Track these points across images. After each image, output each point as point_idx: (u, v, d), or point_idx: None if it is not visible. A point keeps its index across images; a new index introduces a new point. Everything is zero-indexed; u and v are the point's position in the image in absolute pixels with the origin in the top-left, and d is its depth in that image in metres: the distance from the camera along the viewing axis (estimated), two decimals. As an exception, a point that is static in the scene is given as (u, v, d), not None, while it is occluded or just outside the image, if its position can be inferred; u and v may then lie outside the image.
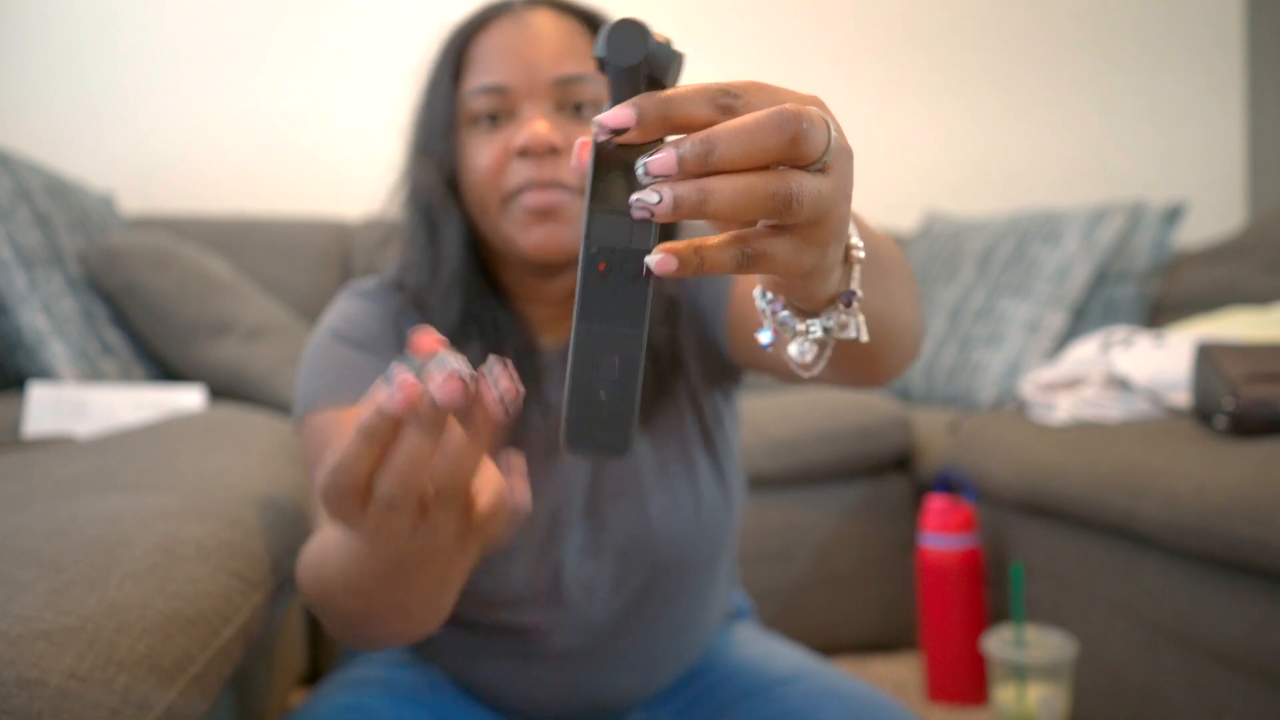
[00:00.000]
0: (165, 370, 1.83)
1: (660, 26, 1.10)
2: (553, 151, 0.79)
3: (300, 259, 2.42)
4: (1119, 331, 1.63)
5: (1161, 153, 3.19)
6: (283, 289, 2.34)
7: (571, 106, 0.82)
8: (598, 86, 0.82)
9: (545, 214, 0.80)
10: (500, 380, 0.45)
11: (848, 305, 0.49)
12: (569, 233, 0.81)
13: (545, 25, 0.82)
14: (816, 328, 0.50)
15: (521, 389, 0.46)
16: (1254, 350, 1.26)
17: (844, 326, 0.50)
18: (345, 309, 0.88)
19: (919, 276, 2.47)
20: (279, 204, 2.61)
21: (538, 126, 0.79)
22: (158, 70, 2.60)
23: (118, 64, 2.57)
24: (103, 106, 2.56)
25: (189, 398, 1.56)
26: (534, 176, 0.79)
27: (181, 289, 1.80)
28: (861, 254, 0.49)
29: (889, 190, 3.02)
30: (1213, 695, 1.17)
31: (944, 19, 3.10)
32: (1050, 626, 1.44)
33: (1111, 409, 1.51)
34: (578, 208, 0.80)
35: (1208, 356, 1.28)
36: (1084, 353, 1.65)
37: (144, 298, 1.76)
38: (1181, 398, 1.44)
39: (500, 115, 0.82)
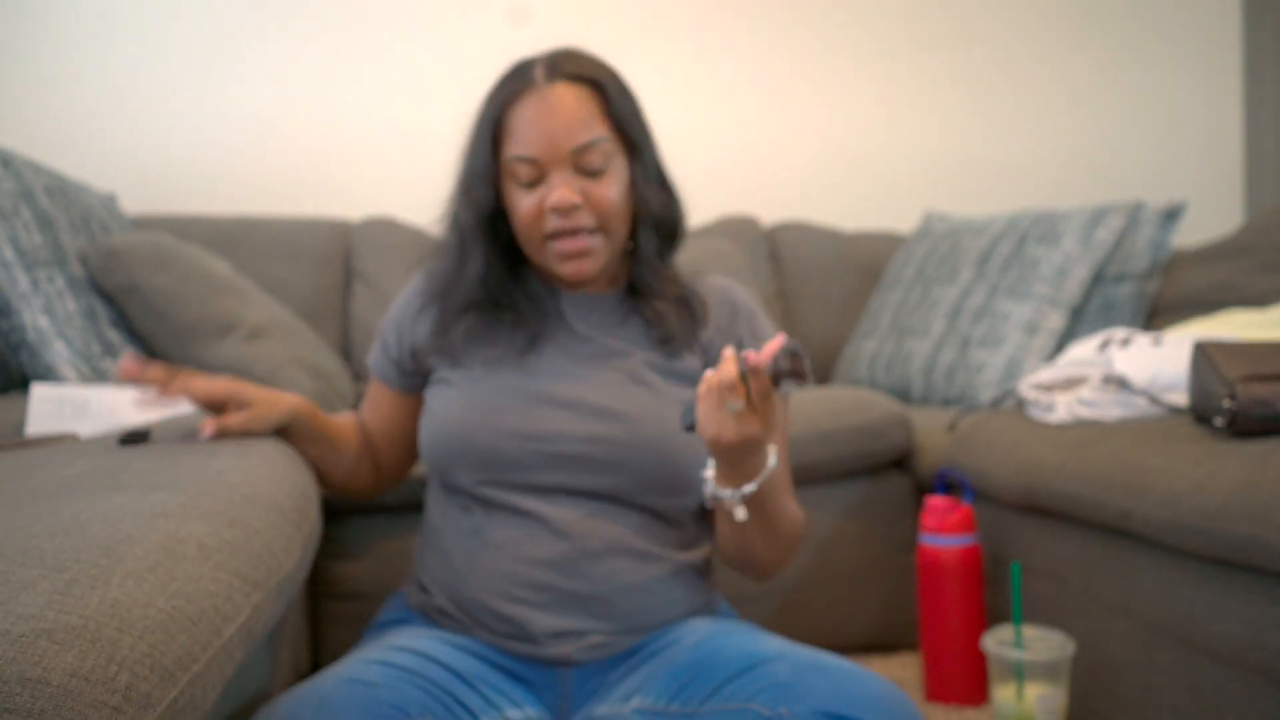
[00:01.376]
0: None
1: (662, 25, 1.14)
2: (575, 207, 1.05)
3: (302, 259, 2.43)
4: (1118, 332, 1.64)
5: (1160, 153, 3.20)
6: (284, 289, 2.35)
7: (586, 167, 1.06)
8: (605, 146, 1.07)
9: (575, 255, 1.07)
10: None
11: (736, 495, 0.98)
12: (592, 264, 1.08)
13: (563, 100, 1.06)
14: (723, 493, 0.99)
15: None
16: (1252, 350, 1.27)
17: (732, 505, 0.99)
18: (401, 295, 1.21)
19: (919, 276, 2.48)
20: (281, 204, 2.62)
21: (563, 191, 1.04)
22: (159, 72, 2.60)
23: (119, 66, 2.58)
24: (104, 108, 2.57)
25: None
26: (563, 225, 1.06)
27: (182, 289, 1.81)
28: (750, 488, 0.97)
29: (889, 190, 3.03)
30: (1211, 694, 1.17)
31: (944, 19, 3.11)
32: (1048, 626, 1.44)
33: (1110, 409, 1.51)
34: (599, 244, 1.08)
35: (1205, 356, 1.29)
36: (1082, 353, 1.65)
37: (145, 298, 1.77)
38: (1179, 397, 1.45)
39: (534, 178, 1.07)
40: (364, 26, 2.73)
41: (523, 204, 1.07)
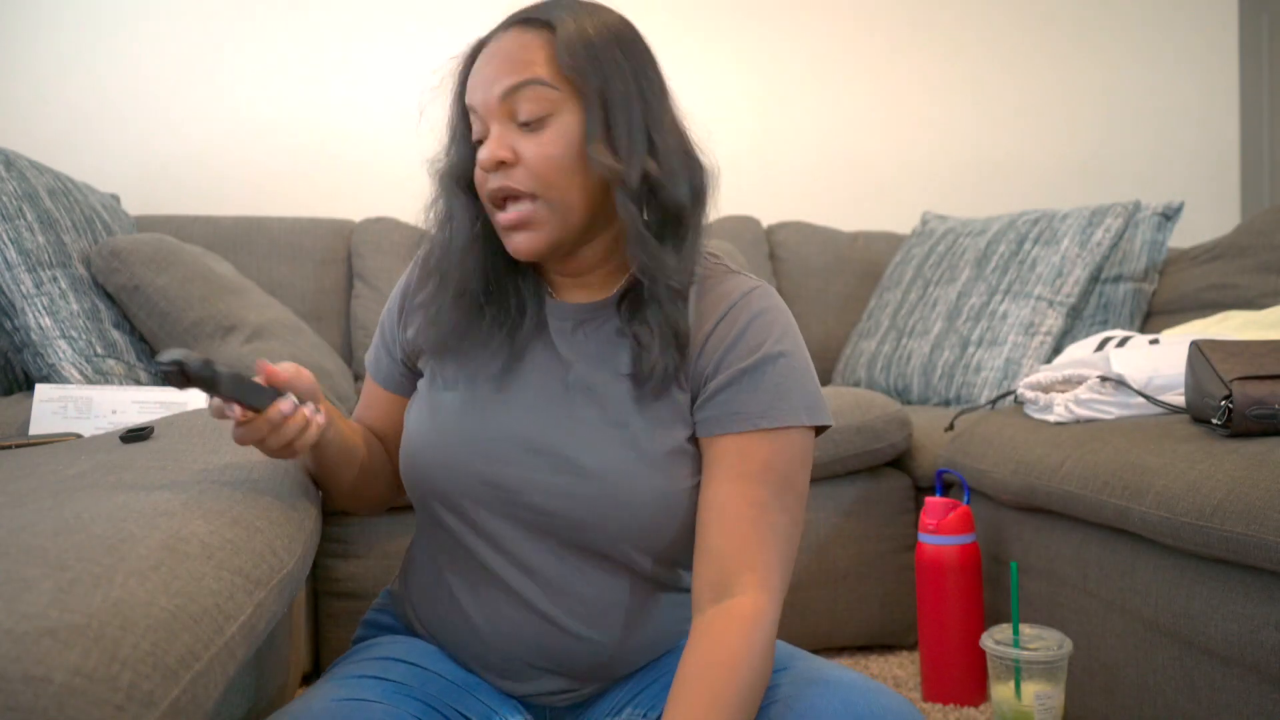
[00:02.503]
0: (168, 370, 1.84)
1: (661, 25, 1.06)
2: (502, 164, 0.90)
3: (303, 259, 2.43)
4: (1115, 332, 1.64)
5: (1158, 154, 3.20)
6: (286, 289, 2.36)
7: (519, 116, 0.90)
8: (543, 91, 0.90)
9: (515, 225, 0.92)
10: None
11: None
12: (537, 238, 0.92)
13: (505, 44, 0.92)
14: None
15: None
16: (1248, 350, 1.27)
17: None
18: (396, 287, 1.09)
19: (918, 277, 2.48)
20: (283, 205, 2.63)
21: (490, 145, 0.90)
22: (162, 73, 2.61)
23: (122, 67, 2.58)
24: (108, 109, 2.57)
25: (193, 398, 1.57)
26: (492, 187, 0.91)
27: (185, 289, 1.81)
28: None
29: (888, 190, 3.03)
30: (1207, 692, 1.18)
31: (943, 20, 3.11)
32: (1046, 624, 1.45)
33: (1107, 408, 1.52)
34: (539, 213, 0.91)
35: (1202, 356, 1.29)
36: (1080, 353, 1.66)
37: (147, 298, 1.77)
38: (1176, 397, 1.45)
39: (481, 136, 0.93)
40: (366, 27, 2.73)
41: (475, 169, 0.95)
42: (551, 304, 0.99)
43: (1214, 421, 1.25)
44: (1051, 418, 1.59)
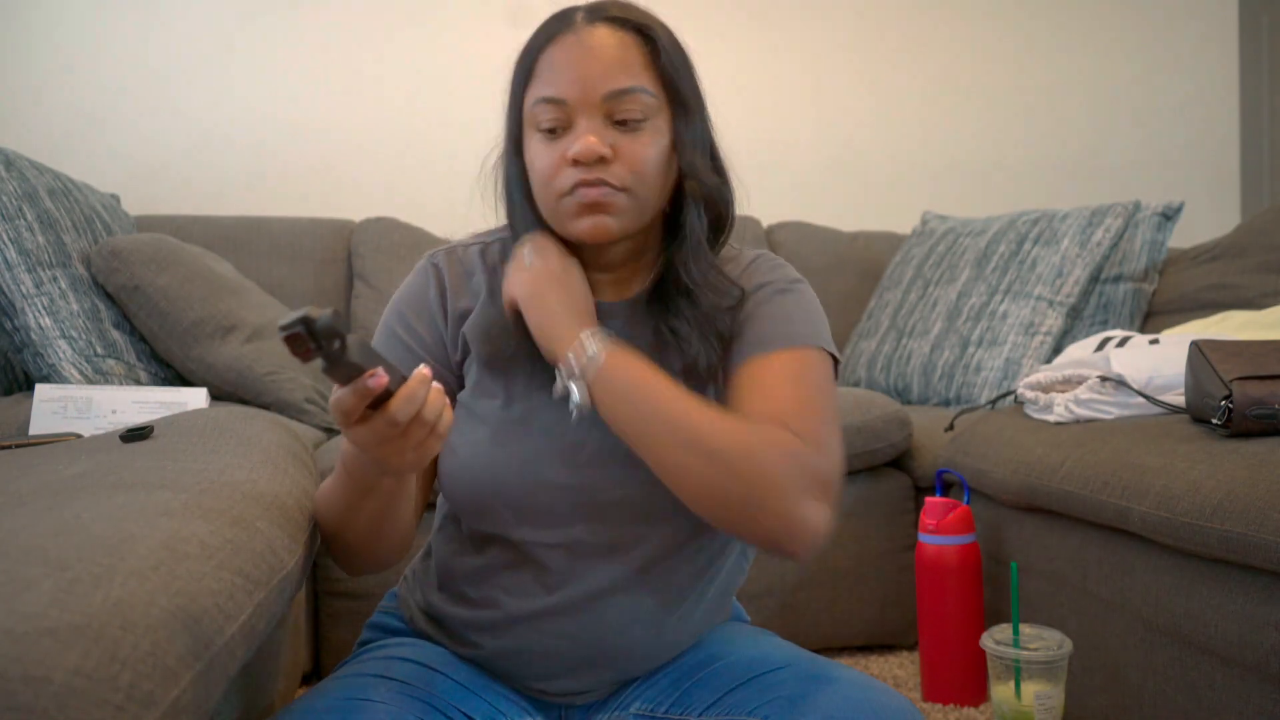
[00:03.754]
0: (169, 370, 1.85)
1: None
2: (601, 160, 0.89)
3: (303, 259, 2.44)
4: (1115, 332, 1.64)
5: (1158, 154, 3.20)
6: (286, 289, 2.36)
7: (621, 117, 0.91)
8: (646, 99, 0.91)
9: (593, 206, 0.90)
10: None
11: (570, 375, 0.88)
12: (613, 223, 0.91)
13: (601, 40, 0.91)
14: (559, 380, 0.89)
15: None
16: (1248, 350, 1.27)
17: (566, 389, 0.88)
18: (414, 278, 1.03)
19: (918, 277, 2.48)
20: (283, 205, 2.63)
21: (589, 139, 0.89)
22: (163, 73, 2.61)
23: (123, 67, 2.58)
24: (108, 109, 2.57)
25: (193, 398, 1.57)
26: (583, 178, 0.89)
27: (185, 289, 1.81)
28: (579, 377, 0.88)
29: (888, 190, 3.03)
30: (1207, 691, 1.18)
31: (942, 20, 3.11)
32: (1046, 624, 1.45)
33: (1107, 408, 1.52)
34: (622, 202, 0.91)
35: (1202, 356, 1.29)
36: (1080, 353, 1.66)
37: (148, 298, 1.77)
38: (1176, 397, 1.45)
39: (557, 123, 0.91)
40: (365, 28, 2.73)
41: (540, 158, 0.92)
42: (603, 306, 0.98)
43: (1214, 421, 1.25)
44: (1051, 418, 1.59)
